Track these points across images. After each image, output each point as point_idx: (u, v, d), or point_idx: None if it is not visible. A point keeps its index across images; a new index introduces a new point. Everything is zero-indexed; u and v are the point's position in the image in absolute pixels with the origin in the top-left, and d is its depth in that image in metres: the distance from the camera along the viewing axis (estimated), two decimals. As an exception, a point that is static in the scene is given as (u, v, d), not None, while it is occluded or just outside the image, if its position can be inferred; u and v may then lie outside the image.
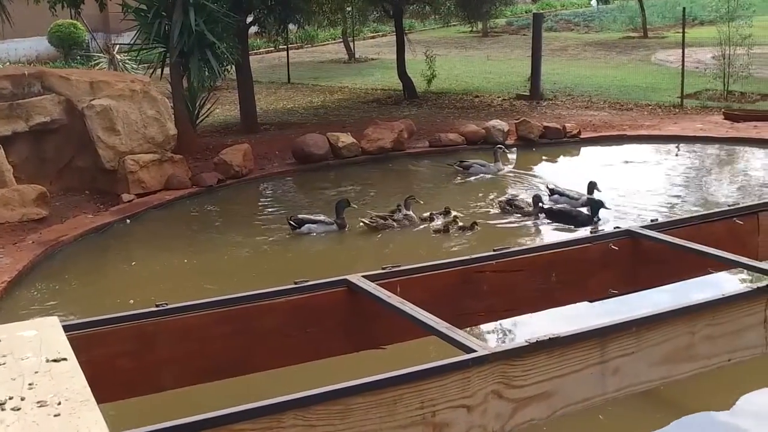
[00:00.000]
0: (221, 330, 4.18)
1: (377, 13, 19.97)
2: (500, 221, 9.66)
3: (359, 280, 4.46)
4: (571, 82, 19.61)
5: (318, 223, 9.33)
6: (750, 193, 10.37)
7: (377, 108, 17.20)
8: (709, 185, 11.00)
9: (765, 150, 12.57)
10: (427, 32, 29.00)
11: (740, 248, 5.41)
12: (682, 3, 35.62)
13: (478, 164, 11.64)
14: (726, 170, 11.70)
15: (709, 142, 12.92)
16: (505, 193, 10.70)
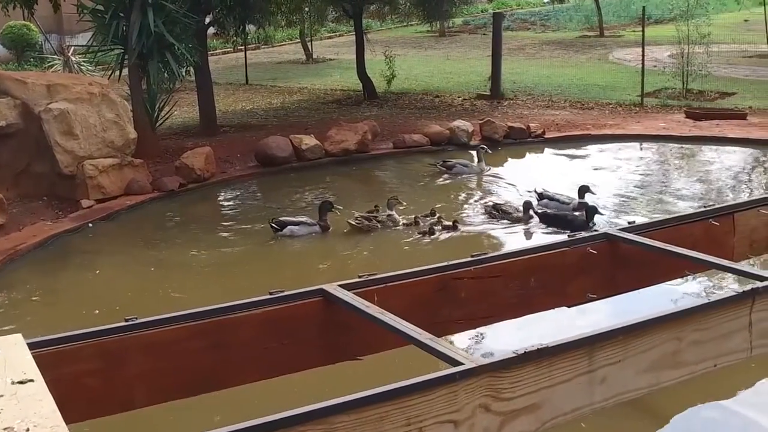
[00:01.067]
0: (194, 344, 4.01)
1: (336, 13, 19.82)
2: (490, 226, 9.48)
3: (335, 289, 4.31)
4: (531, 82, 19.63)
5: (300, 225, 9.18)
6: (723, 191, 10.39)
7: (338, 109, 17.07)
8: (683, 185, 10.97)
9: (729, 148, 12.61)
10: (383, 32, 28.92)
11: (716, 249, 5.35)
12: (636, 2, 36.11)
13: (461, 164, 11.60)
14: (695, 169, 11.69)
15: (673, 140, 12.96)
16: (484, 194, 10.64)
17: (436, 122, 13.93)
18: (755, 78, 19.38)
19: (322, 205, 9.32)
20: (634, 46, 25.72)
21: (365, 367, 4.47)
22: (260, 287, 7.33)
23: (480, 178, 11.47)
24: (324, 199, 9.58)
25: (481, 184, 11.30)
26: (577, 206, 9.49)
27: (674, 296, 6.64)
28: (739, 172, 11.52)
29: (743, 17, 31.65)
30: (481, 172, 11.55)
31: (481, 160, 11.60)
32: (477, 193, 10.84)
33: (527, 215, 9.33)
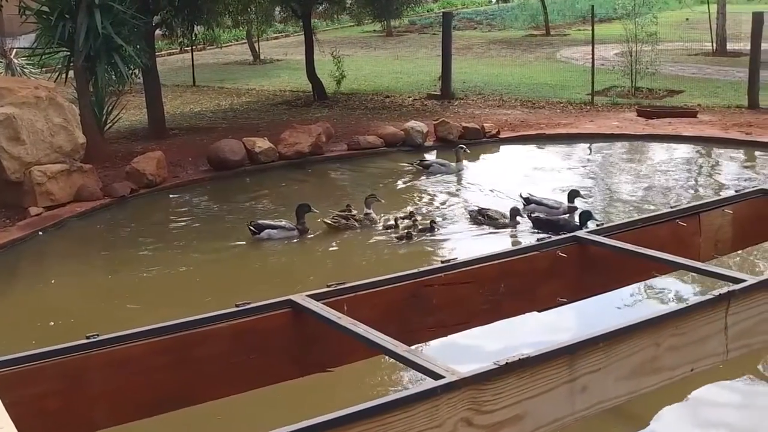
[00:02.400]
0: (159, 361, 3.85)
1: (284, 14, 19.63)
2: (469, 229, 9.25)
3: (304, 299, 4.19)
4: (481, 81, 19.62)
5: (278, 228, 9.02)
6: (688, 189, 10.43)
7: (287, 110, 16.89)
8: (646, 184, 10.91)
9: (684, 146, 12.69)
10: (330, 32, 28.76)
11: (683, 250, 5.34)
12: (581, 1, 36.39)
13: (438, 164, 11.53)
14: (659, 168, 11.66)
15: (629, 139, 12.98)
16: (460, 195, 10.58)
17: (389, 123, 13.83)
18: (702, 76, 19.58)
19: (300, 208, 9.14)
20: (581, 45, 25.90)
21: (336, 379, 4.34)
22: (221, 294, 7.23)
23: (459, 178, 11.40)
24: (301, 202, 9.35)
25: (459, 184, 11.22)
26: (567, 210, 9.25)
27: (641, 298, 6.60)
28: (698, 170, 11.57)
29: (685, 16, 32.01)
30: (458, 171, 11.48)
31: (459, 160, 11.54)
32: (454, 194, 10.73)
33: (514, 221, 9.02)
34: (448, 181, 11.28)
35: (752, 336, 4.38)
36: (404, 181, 11.45)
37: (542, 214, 9.12)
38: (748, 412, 5.24)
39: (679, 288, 7.03)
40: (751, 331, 4.35)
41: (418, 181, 11.36)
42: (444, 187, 11.04)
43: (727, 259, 6.65)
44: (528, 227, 8.96)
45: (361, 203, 9.55)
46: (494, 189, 10.72)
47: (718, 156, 12.15)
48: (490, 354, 5.60)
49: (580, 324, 6.07)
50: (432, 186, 11.08)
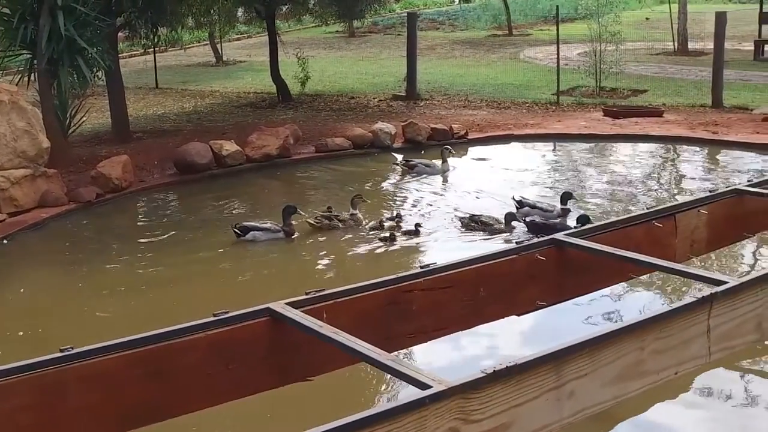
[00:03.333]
0: (136, 373, 3.75)
1: (247, 15, 19.47)
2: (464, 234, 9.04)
3: (283, 308, 4.11)
4: (446, 81, 19.62)
5: (264, 230, 8.90)
6: (660, 189, 10.45)
7: (252, 112, 16.76)
8: (621, 184, 10.91)
9: (653, 145, 12.74)
10: (293, 33, 28.64)
11: (659, 251, 5.33)
12: (542, 1, 36.57)
13: (422, 164, 11.49)
14: (629, 168, 11.68)
15: (597, 139, 12.99)
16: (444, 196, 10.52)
17: (355, 124, 13.76)
18: (664, 75, 19.71)
19: (286, 210, 9.04)
20: (544, 45, 26.03)
21: (317, 388, 4.26)
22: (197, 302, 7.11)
23: (445, 179, 11.34)
24: (286, 204, 9.25)
25: (444, 185, 11.17)
26: (560, 213, 9.12)
27: (619, 300, 6.58)
28: (669, 169, 11.61)
29: (644, 15, 32.27)
30: (444, 172, 11.42)
31: (445, 161, 11.49)
32: (440, 195, 10.67)
33: (509, 226, 8.83)
34: (434, 182, 11.22)
35: (734, 338, 4.36)
36: (389, 182, 11.40)
37: (536, 217, 8.96)
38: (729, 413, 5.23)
39: (656, 289, 7.04)
40: (733, 332, 4.33)
41: (403, 181, 11.31)
42: (429, 188, 10.97)
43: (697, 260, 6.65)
44: (523, 232, 8.76)
45: (340, 205, 9.49)
46: (480, 191, 10.68)
47: (687, 155, 12.20)
48: (470, 359, 5.56)
49: (560, 327, 6.03)
50: (417, 187, 11.02)
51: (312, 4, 18.92)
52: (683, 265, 4.99)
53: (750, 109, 14.83)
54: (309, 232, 9.18)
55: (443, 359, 5.28)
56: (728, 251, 7.37)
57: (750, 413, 5.28)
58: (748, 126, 13.14)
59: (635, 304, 6.77)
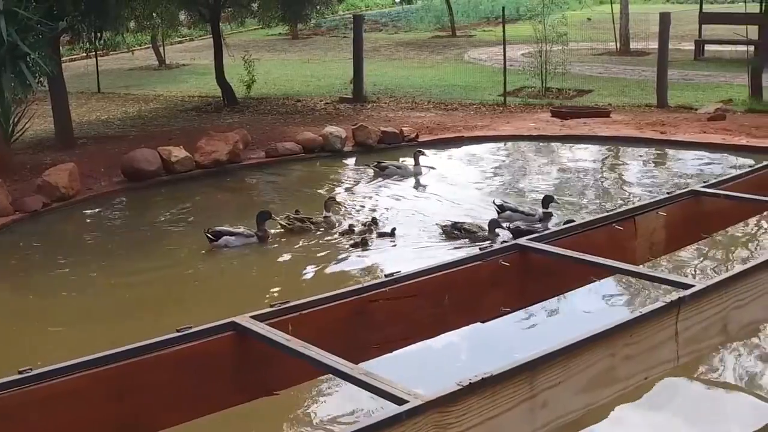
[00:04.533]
0: (99, 393, 3.64)
1: (191, 18, 19.24)
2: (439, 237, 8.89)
3: (248, 321, 4.03)
4: (392, 83, 19.59)
5: (237, 235, 8.75)
6: (618, 190, 10.48)
7: (198, 116, 16.55)
8: (580, 185, 10.94)
9: (604, 146, 12.80)
10: (235, 35, 28.37)
11: (620, 254, 5.35)
12: (484, 2, 36.77)
13: (394, 166, 11.45)
14: (585, 169, 11.72)
15: (548, 140, 13.02)
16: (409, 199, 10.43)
17: (303, 128, 13.65)
18: (608, 75, 19.89)
19: (260, 215, 8.90)
20: (487, 46, 26.14)
21: (284, 403, 4.18)
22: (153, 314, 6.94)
23: (417, 181, 11.26)
24: (262, 209, 9.13)
25: (417, 188, 11.10)
26: (542, 217, 8.98)
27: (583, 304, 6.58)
28: (623, 170, 11.61)
29: (586, 16, 32.58)
30: (416, 175, 11.37)
31: (417, 163, 11.42)
32: (413, 198, 10.58)
33: (493, 234, 8.56)
34: (406, 184, 11.14)
35: (701, 341, 4.37)
36: (363, 184, 11.28)
37: (521, 223, 8.77)
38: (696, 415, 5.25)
39: (618, 291, 7.06)
40: (700, 335, 4.34)
41: (374, 184, 11.21)
42: (402, 191, 10.88)
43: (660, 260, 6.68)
44: (508, 238, 8.41)
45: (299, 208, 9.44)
46: (455, 194, 10.60)
47: (638, 155, 12.27)
48: (436, 369, 5.51)
49: (525, 334, 6.03)
50: (389, 189, 10.93)
51: (256, 7, 18.76)
52: (648, 269, 5.02)
53: (695, 109, 15.01)
54: (281, 235, 9.06)
55: (409, 370, 5.21)
56: (684, 252, 7.40)
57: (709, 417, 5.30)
58: (694, 126, 13.28)
59: (598, 308, 6.79)
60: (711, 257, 7.86)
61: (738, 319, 4.54)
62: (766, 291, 4.66)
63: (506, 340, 5.87)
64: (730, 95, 16.15)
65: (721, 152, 11.86)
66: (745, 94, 15.56)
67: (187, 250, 8.93)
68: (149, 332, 3.85)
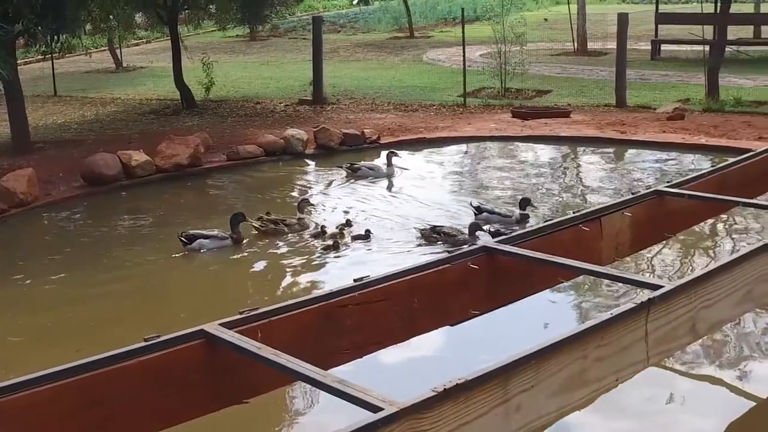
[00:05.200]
0: (68, 405, 3.56)
1: (148, 20, 19.06)
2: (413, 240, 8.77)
3: (217, 329, 3.98)
4: (351, 85, 19.57)
5: (211, 238, 8.66)
6: (584, 190, 10.50)
7: (156, 119, 16.40)
8: (547, 185, 10.93)
9: (565, 146, 12.84)
10: (192, 37, 28.16)
11: (586, 254, 5.37)
12: (441, 3, 36.87)
13: (366, 167, 11.39)
14: (550, 170, 11.75)
15: (510, 141, 13.02)
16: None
17: (264, 130, 13.56)
18: (567, 75, 20.02)
19: (234, 217, 8.82)
20: (445, 47, 26.21)
21: (255, 411, 4.12)
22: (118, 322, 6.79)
23: (390, 183, 11.21)
24: (236, 211, 9.03)
25: (390, 190, 11.02)
26: (519, 218, 8.90)
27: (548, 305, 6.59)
28: (587, 170, 11.62)
29: (542, 16, 32.78)
30: (389, 176, 11.33)
31: (390, 165, 11.38)
32: (387, 200, 10.52)
33: (474, 237, 8.34)
34: (380, 186, 11.07)
35: (670, 341, 4.40)
36: (336, 186, 11.18)
37: (501, 227, 8.68)
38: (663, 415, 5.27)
39: (583, 292, 7.07)
40: (669, 336, 4.36)
41: (347, 186, 11.13)
42: (376, 192, 10.80)
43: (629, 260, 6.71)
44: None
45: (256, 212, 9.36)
46: (427, 196, 10.55)
47: (600, 156, 12.32)
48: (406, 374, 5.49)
49: (493, 336, 6.02)
50: (363, 191, 10.85)
51: (214, 9, 18.62)
52: (616, 270, 5.03)
53: (653, 108, 15.14)
54: (255, 237, 8.99)
55: (380, 374, 5.18)
56: (648, 252, 7.44)
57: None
58: (654, 125, 13.38)
59: (566, 309, 6.82)
60: (675, 257, 7.91)
61: (706, 319, 4.57)
62: (732, 290, 4.70)
63: (476, 343, 5.85)
64: (687, 95, 16.33)
65: (681, 152, 11.96)
66: (701, 94, 15.72)
67: (152, 254, 8.78)
68: (117, 343, 3.77)
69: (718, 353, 5.93)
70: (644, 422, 5.20)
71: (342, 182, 11.27)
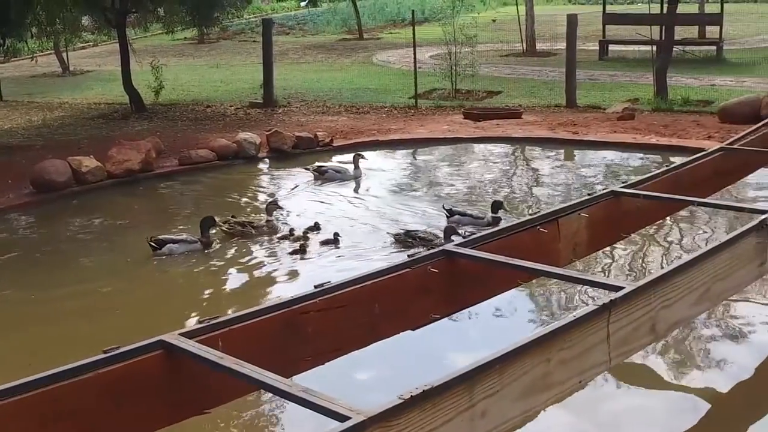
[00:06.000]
0: (21, 422, 3.49)
1: (96, 22, 18.79)
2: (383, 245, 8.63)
3: (177, 339, 3.92)
4: (301, 87, 19.51)
5: (180, 242, 8.56)
6: (541, 191, 10.53)
7: (105, 124, 16.18)
8: (507, 187, 10.93)
9: (518, 147, 12.86)
10: (139, 41, 27.88)
11: (545, 256, 5.40)
12: (390, 4, 36.91)
13: (333, 170, 11.32)
14: (506, 171, 11.76)
15: (464, 142, 12.99)
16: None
17: (215, 134, 13.44)
18: (517, 76, 20.12)
19: (204, 221, 8.73)
20: (395, 48, 26.25)
21: (216, 421, 4.07)
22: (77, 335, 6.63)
23: (357, 185, 11.12)
24: (206, 215, 8.93)
25: (357, 192, 10.93)
26: (491, 221, 8.77)
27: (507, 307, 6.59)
28: (543, 171, 11.58)
29: (491, 17, 32.93)
30: (356, 178, 11.25)
31: (357, 167, 11.30)
32: (355, 204, 10.39)
33: (449, 241, 8.03)
34: (348, 188, 10.98)
35: (631, 342, 4.42)
36: (303, 189, 11.04)
37: (470, 226, 8.63)
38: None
39: (541, 293, 7.09)
40: (630, 337, 4.39)
41: (314, 188, 11.02)
42: (343, 195, 10.68)
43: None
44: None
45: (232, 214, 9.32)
46: (394, 198, 10.47)
47: (554, 156, 12.36)
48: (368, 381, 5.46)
49: (454, 339, 6.02)
50: (330, 194, 10.72)
51: (162, 12, 18.43)
52: (576, 272, 5.06)
53: (603, 108, 15.26)
54: (223, 240, 8.89)
55: (342, 381, 5.14)
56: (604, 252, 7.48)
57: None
58: (605, 125, 13.48)
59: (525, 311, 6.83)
60: (631, 257, 7.96)
61: (666, 319, 4.61)
62: (690, 290, 4.75)
63: (437, 347, 5.84)
64: (636, 94, 16.50)
65: (633, 151, 12.04)
66: (650, 93, 15.89)
67: (108, 262, 8.63)
68: (77, 355, 3.70)
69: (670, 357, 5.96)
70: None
71: (307, 185, 11.17)
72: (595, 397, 5.24)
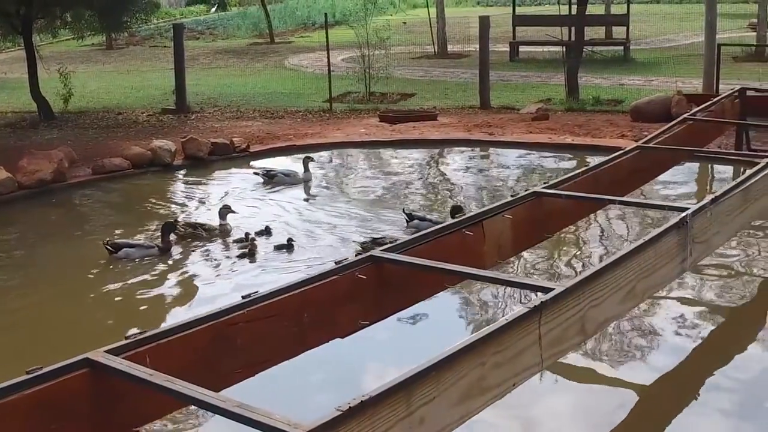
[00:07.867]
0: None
1: (1, 29, 18.22)
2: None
3: (103, 356, 3.81)
4: (214, 93, 19.30)
5: (136, 247, 8.42)
6: (464, 193, 10.54)
7: (13, 133, 15.69)
8: (424, 189, 10.93)
9: (437, 149, 12.91)
10: (46, 47, 27.19)
11: (471, 259, 5.42)
12: (300, 8, 36.80)
13: (282, 173, 11.14)
14: (427, 173, 11.78)
15: (381, 146, 12.97)
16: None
17: (129, 142, 13.14)
18: (430, 78, 20.22)
19: (165, 226, 8.58)
20: (307, 52, 26.19)
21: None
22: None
23: (308, 188, 10.97)
24: (167, 220, 8.79)
25: (308, 194, 10.80)
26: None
27: (435, 311, 6.57)
28: (464, 172, 11.58)
29: (401, 19, 33.06)
30: (306, 182, 11.10)
31: (307, 170, 11.15)
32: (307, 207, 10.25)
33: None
34: (298, 192, 10.82)
35: (562, 342, 4.45)
36: (249, 192, 10.83)
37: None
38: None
39: (468, 296, 7.10)
40: (561, 337, 4.41)
41: (263, 192, 10.82)
42: (293, 199, 10.52)
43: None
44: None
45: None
46: (345, 201, 10.36)
47: (472, 157, 12.42)
48: (300, 391, 5.38)
49: (384, 346, 5.98)
50: (280, 198, 10.54)
51: (70, 18, 17.99)
52: (504, 274, 5.07)
53: (517, 109, 15.41)
54: (182, 246, 8.72)
55: (273, 392, 5.05)
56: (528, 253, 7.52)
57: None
58: (520, 126, 13.61)
59: (454, 314, 6.83)
60: (554, 257, 8.03)
61: (594, 318, 4.65)
62: (617, 288, 4.80)
63: (366, 354, 5.81)
64: (548, 95, 16.72)
65: (549, 151, 12.16)
66: (562, 94, 16.12)
67: (34, 274, 8.34)
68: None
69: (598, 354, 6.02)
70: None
71: (255, 188, 11.01)
72: (528, 398, 5.23)
